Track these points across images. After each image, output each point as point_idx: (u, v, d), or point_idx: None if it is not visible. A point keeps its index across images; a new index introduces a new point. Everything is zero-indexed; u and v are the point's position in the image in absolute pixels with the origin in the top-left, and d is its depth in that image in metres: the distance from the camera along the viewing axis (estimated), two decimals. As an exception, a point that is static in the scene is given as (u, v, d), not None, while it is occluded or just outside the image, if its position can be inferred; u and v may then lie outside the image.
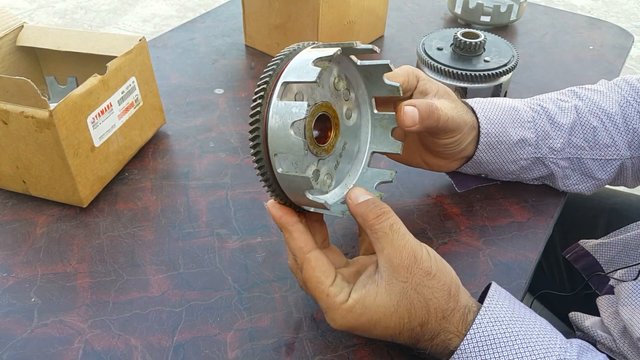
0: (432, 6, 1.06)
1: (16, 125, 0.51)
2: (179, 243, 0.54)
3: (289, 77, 0.37)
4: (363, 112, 0.46)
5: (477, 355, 0.38)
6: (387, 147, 0.46)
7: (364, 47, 0.39)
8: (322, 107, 0.41)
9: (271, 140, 0.37)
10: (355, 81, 0.45)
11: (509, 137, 0.54)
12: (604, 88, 0.58)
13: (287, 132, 0.36)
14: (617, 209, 0.75)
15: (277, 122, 0.37)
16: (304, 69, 0.37)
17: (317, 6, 0.75)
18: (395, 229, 0.39)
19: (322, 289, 0.40)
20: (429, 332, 0.40)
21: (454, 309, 0.39)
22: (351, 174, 0.46)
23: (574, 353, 0.39)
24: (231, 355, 0.44)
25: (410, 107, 0.45)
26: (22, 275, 0.50)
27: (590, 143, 0.56)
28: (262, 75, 0.39)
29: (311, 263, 0.40)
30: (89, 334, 0.45)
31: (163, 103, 0.68)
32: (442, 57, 0.73)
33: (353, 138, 0.46)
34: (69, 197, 0.56)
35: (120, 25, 2.79)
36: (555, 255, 0.77)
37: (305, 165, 0.41)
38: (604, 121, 0.56)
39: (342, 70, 0.43)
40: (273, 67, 0.39)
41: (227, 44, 0.90)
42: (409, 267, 0.39)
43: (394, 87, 0.44)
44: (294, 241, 0.40)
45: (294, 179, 0.38)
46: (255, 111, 0.38)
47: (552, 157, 0.56)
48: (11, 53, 0.65)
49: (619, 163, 0.57)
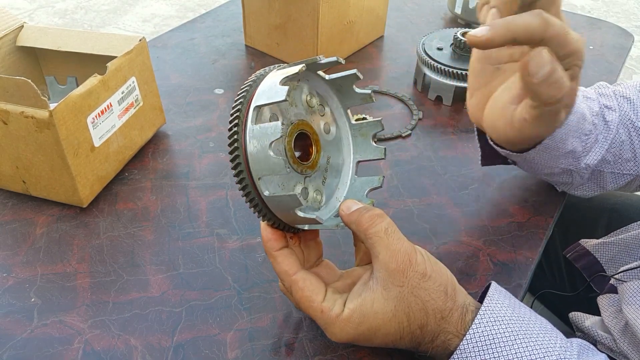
0: (432, 6, 1.06)
1: (16, 125, 0.51)
2: (179, 243, 0.54)
3: (259, 101, 0.38)
4: (341, 124, 0.46)
5: (476, 354, 0.38)
6: (371, 154, 0.46)
7: (328, 60, 0.39)
8: (299, 126, 0.42)
9: (253, 165, 0.38)
10: (327, 96, 0.45)
11: (565, 146, 0.51)
12: (633, 95, 0.56)
13: (266, 153, 0.36)
14: (617, 209, 0.75)
15: (256, 146, 0.37)
16: (272, 90, 0.37)
17: (317, 6, 0.75)
18: (390, 232, 0.39)
19: (314, 306, 0.40)
20: (429, 334, 0.40)
21: (451, 308, 0.39)
22: (340, 186, 0.46)
23: (574, 352, 0.39)
24: (231, 355, 0.44)
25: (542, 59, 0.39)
26: (22, 275, 0.50)
27: (616, 157, 0.55)
28: (234, 103, 0.39)
29: (299, 284, 0.40)
30: (89, 334, 0.45)
31: (163, 103, 0.68)
32: (442, 57, 0.73)
33: (336, 151, 0.46)
34: (69, 197, 0.56)
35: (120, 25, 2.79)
36: (556, 255, 0.77)
37: (292, 185, 0.41)
38: (632, 135, 0.54)
39: (313, 87, 0.44)
40: (243, 94, 0.39)
41: (227, 44, 0.90)
42: (405, 270, 0.39)
43: (366, 95, 0.44)
44: (279, 266, 0.41)
45: (281, 199, 0.38)
46: (233, 139, 0.38)
47: (583, 172, 0.55)
48: (11, 53, 0.65)
49: (633, 177, 0.56)
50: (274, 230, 0.41)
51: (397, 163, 0.65)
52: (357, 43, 0.88)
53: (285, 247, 0.41)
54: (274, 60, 0.86)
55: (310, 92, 0.43)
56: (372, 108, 0.75)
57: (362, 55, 0.88)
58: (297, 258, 0.41)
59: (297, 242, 0.43)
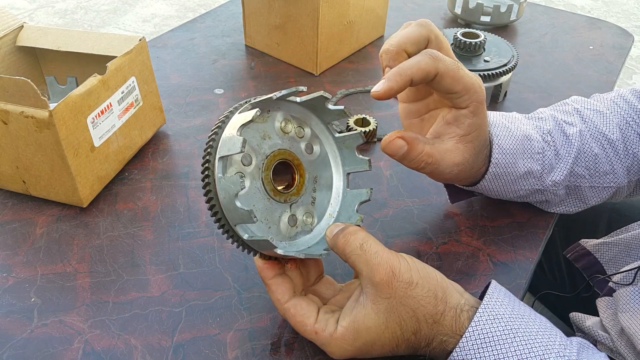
0: (432, 6, 1.06)
1: (16, 125, 0.51)
2: (179, 243, 0.54)
3: (222, 152, 0.39)
4: (324, 140, 0.47)
5: (476, 352, 0.38)
6: (357, 165, 0.47)
7: (289, 91, 0.41)
8: (276, 156, 0.43)
9: (227, 214, 0.39)
10: (305, 116, 0.46)
11: (516, 169, 0.52)
12: (604, 107, 0.56)
13: (234, 205, 0.37)
14: (618, 209, 0.75)
15: (225, 197, 0.38)
16: (231, 141, 0.38)
17: (317, 6, 0.75)
18: (365, 249, 0.40)
19: (308, 330, 0.41)
20: (423, 339, 0.40)
21: (443, 311, 0.40)
22: (333, 201, 0.47)
23: (573, 351, 0.39)
24: (231, 355, 0.44)
25: (397, 140, 0.45)
26: (22, 275, 0.50)
27: (591, 171, 0.54)
28: (204, 149, 0.40)
29: (290, 311, 0.41)
30: (89, 334, 0.45)
31: (163, 103, 0.68)
32: (442, 57, 0.73)
33: (323, 168, 0.46)
34: (69, 197, 0.56)
35: (120, 25, 2.79)
36: (556, 255, 0.77)
37: (277, 216, 0.43)
38: (606, 148, 0.54)
39: (287, 112, 0.44)
40: (210, 144, 0.40)
41: (227, 44, 0.90)
42: (389, 282, 0.39)
43: (340, 111, 0.44)
44: (272, 294, 0.42)
45: (259, 243, 0.39)
46: (207, 190, 0.39)
47: (553, 189, 0.54)
48: (11, 53, 0.65)
49: (614, 190, 0.56)
50: (266, 261, 0.42)
51: (397, 163, 0.65)
52: (357, 43, 0.88)
53: (278, 275, 0.42)
54: (274, 60, 0.86)
55: (285, 118, 0.44)
56: (373, 108, 0.75)
57: (362, 55, 0.88)
58: (290, 285, 0.43)
59: (295, 265, 0.44)
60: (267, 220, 0.42)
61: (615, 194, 0.57)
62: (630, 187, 0.57)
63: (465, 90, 0.45)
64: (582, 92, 0.60)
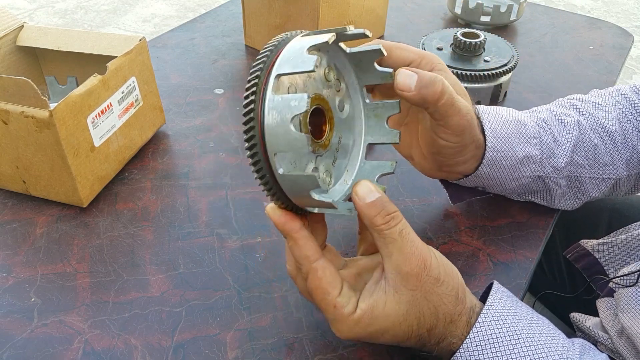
0: (432, 6, 1.06)
1: (16, 125, 0.51)
2: (179, 243, 0.54)
3: (282, 69, 0.34)
4: (355, 102, 0.43)
5: (479, 353, 0.38)
6: (384, 137, 0.43)
7: (356, 31, 0.36)
8: (315, 101, 0.38)
9: (269, 139, 0.34)
10: (345, 70, 0.41)
11: (514, 153, 0.51)
12: (602, 101, 0.56)
13: (287, 128, 0.33)
14: (618, 209, 0.75)
15: (275, 118, 0.33)
16: (298, 59, 0.33)
17: (317, 6, 0.74)
18: (404, 235, 0.37)
19: (329, 300, 0.38)
20: (435, 337, 0.39)
21: (461, 312, 0.39)
22: (349, 169, 0.43)
23: (576, 352, 0.39)
24: (231, 355, 0.44)
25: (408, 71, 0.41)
26: (22, 275, 0.50)
27: (591, 161, 0.54)
28: (252, 69, 0.35)
29: (318, 273, 0.38)
30: (89, 334, 0.45)
31: (163, 103, 0.68)
32: (442, 57, 0.73)
33: (347, 131, 0.42)
34: (69, 197, 0.56)
35: (120, 25, 2.79)
36: (556, 255, 0.77)
37: (304, 164, 0.38)
38: (604, 139, 0.54)
39: (331, 59, 0.40)
40: (263, 60, 0.35)
41: (227, 44, 0.90)
42: (419, 275, 0.37)
43: (387, 74, 0.40)
44: (300, 249, 0.38)
45: (297, 180, 0.34)
46: (249, 109, 0.34)
47: (554, 177, 0.54)
48: (11, 53, 0.65)
49: (614, 182, 0.56)
50: (287, 211, 0.38)
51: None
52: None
53: (304, 229, 0.38)
54: (274, 60, 0.86)
55: (329, 64, 0.39)
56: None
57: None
58: (316, 242, 0.38)
59: (305, 225, 0.39)
60: (295, 164, 0.37)
61: (615, 187, 0.57)
62: (630, 181, 0.57)
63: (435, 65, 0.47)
64: (582, 92, 0.60)
